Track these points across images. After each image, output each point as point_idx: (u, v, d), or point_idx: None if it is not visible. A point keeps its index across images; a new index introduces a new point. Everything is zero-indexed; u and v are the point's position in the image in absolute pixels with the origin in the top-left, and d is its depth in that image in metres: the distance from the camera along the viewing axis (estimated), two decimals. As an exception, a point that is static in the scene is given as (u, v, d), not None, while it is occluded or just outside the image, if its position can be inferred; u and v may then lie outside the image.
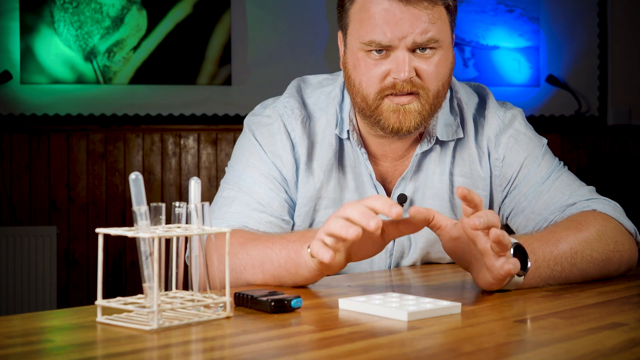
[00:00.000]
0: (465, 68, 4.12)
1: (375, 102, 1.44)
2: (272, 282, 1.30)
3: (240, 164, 1.56)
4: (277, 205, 1.51)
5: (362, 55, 1.44)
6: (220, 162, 3.96)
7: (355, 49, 1.45)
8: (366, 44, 1.42)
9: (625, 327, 1.02)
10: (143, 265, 0.99)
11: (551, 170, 1.57)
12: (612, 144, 4.26)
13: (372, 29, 1.41)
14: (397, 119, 1.44)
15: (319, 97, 1.60)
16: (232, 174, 1.56)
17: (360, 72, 1.45)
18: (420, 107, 1.44)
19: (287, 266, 1.27)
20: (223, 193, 1.54)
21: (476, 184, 1.58)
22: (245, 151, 1.57)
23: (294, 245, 1.27)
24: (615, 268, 1.41)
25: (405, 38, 1.40)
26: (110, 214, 3.91)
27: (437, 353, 0.89)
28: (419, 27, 1.40)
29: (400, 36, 1.40)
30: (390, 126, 1.45)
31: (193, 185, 1.06)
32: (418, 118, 1.44)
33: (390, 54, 1.42)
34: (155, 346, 0.90)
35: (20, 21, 3.83)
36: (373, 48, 1.42)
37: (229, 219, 1.47)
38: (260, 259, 1.31)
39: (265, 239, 1.34)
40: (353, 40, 1.45)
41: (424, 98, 1.44)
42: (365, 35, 1.42)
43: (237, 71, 3.99)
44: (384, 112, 1.44)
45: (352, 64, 1.47)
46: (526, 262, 1.25)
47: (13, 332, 0.96)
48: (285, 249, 1.28)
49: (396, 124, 1.44)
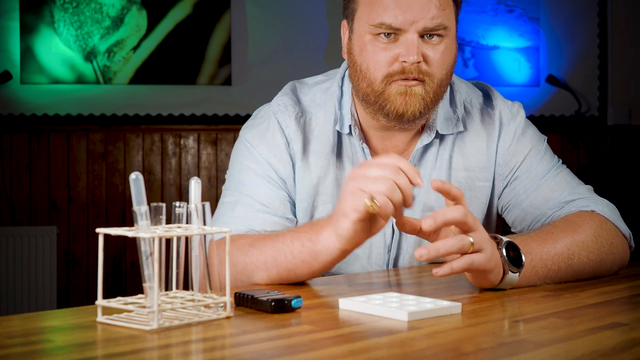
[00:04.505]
0: (465, 68, 4.12)
1: (381, 86, 1.45)
2: (287, 275, 1.30)
3: (236, 169, 1.57)
4: (279, 204, 1.52)
5: (369, 38, 1.44)
6: (220, 162, 3.96)
7: (362, 33, 1.46)
8: (376, 26, 1.42)
9: (625, 327, 1.02)
10: (143, 265, 0.99)
11: (551, 166, 1.59)
12: (612, 143, 4.26)
13: (383, 11, 1.42)
14: (403, 100, 1.44)
15: (316, 94, 1.60)
16: (231, 181, 1.57)
17: (368, 56, 1.45)
18: (424, 93, 1.44)
19: (302, 256, 1.27)
20: (224, 200, 1.55)
21: (477, 176, 1.59)
22: (240, 156, 1.58)
23: (307, 234, 1.28)
24: (608, 269, 1.44)
25: (417, 22, 1.41)
26: (110, 214, 3.91)
27: (437, 353, 0.89)
28: (430, 12, 1.41)
29: (412, 20, 1.41)
30: (395, 109, 1.45)
31: (193, 185, 1.06)
32: (422, 103, 1.45)
33: (399, 37, 1.42)
34: (155, 346, 0.90)
35: (20, 21, 3.83)
36: (383, 31, 1.42)
37: (233, 224, 1.47)
38: (272, 253, 1.31)
39: (274, 236, 1.35)
40: (361, 24, 1.46)
41: (429, 85, 1.44)
42: (376, 17, 1.42)
43: (237, 71, 3.99)
44: (391, 96, 1.45)
45: (358, 48, 1.47)
46: (520, 259, 1.25)
47: (13, 332, 0.96)
48: (297, 240, 1.28)
49: (401, 107, 1.44)
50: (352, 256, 1.56)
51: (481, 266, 1.19)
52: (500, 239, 1.24)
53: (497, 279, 1.24)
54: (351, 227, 1.20)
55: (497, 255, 1.22)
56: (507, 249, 1.24)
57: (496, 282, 1.24)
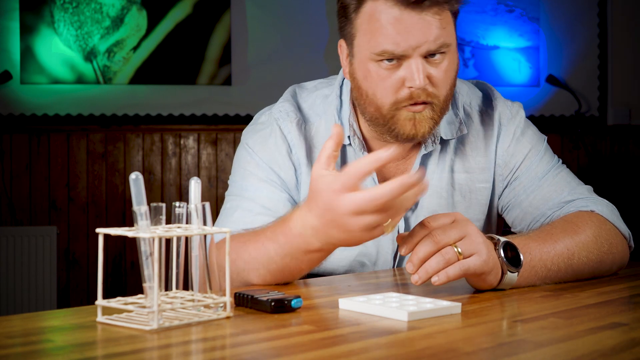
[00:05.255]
0: (465, 68, 4.12)
1: (390, 112, 1.43)
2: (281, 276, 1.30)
3: (238, 174, 1.57)
4: (282, 207, 1.51)
5: (373, 65, 1.41)
6: (220, 162, 3.96)
7: (364, 60, 1.42)
8: (378, 54, 1.39)
9: (625, 327, 1.02)
10: (143, 265, 0.99)
11: (551, 166, 1.59)
12: (612, 144, 4.26)
13: (384, 39, 1.38)
14: (412, 126, 1.43)
15: (315, 101, 1.59)
16: (233, 186, 1.57)
17: (373, 82, 1.42)
18: (432, 114, 1.43)
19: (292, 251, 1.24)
20: (226, 205, 1.55)
21: (477, 178, 1.59)
22: (242, 161, 1.57)
23: (281, 229, 1.24)
24: (607, 269, 1.44)
25: (420, 47, 1.37)
26: (110, 214, 3.91)
27: (437, 353, 0.89)
28: (432, 34, 1.37)
29: (415, 45, 1.37)
30: (406, 134, 1.44)
31: (193, 185, 1.06)
32: (431, 123, 1.44)
33: (403, 62, 1.39)
34: (155, 346, 0.90)
35: (20, 21, 3.83)
36: (385, 57, 1.39)
37: (231, 228, 1.47)
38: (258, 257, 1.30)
39: (254, 239, 1.31)
40: (362, 50, 1.42)
41: (437, 105, 1.43)
42: (377, 45, 1.39)
43: (237, 71, 3.99)
44: (400, 121, 1.43)
45: (362, 74, 1.44)
46: (519, 259, 1.26)
47: (13, 332, 0.96)
48: (274, 241, 1.26)
49: (412, 132, 1.43)
50: (358, 264, 1.57)
51: (478, 269, 1.19)
52: (498, 240, 1.24)
53: (496, 280, 1.24)
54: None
55: (494, 257, 1.22)
56: (505, 249, 1.24)
57: (495, 283, 1.24)
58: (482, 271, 1.20)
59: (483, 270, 1.20)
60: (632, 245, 1.50)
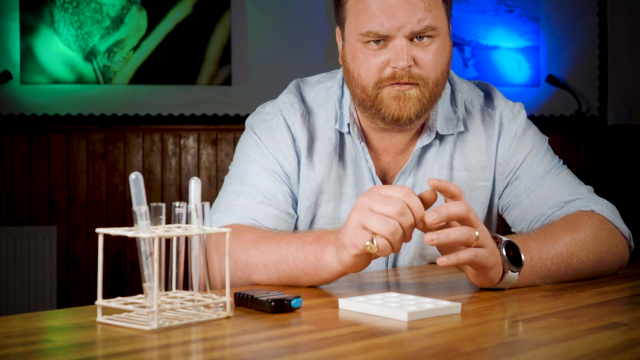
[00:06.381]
0: (465, 68, 4.12)
1: (374, 92, 1.45)
2: (287, 282, 1.30)
3: (242, 159, 1.57)
4: (281, 198, 1.52)
5: (360, 46, 1.45)
6: (220, 162, 3.96)
7: (353, 41, 1.46)
8: (364, 34, 1.43)
9: (625, 327, 1.02)
10: (143, 265, 0.99)
11: (552, 166, 1.59)
12: (612, 143, 4.26)
13: (369, 19, 1.42)
14: (397, 105, 1.44)
15: (318, 93, 1.61)
16: (235, 170, 1.57)
17: (359, 63, 1.46)
18: (419, 94, 1.44)
19: (305, 268, 1.26)
20: (227, 188, 1.55)
21: (477, 176, 1.59)
22: (247, 147, 1.58)
23: (312, 248, 1.26)
24: (607, 268, 1.45)
25: (403, 27, 1.41)
26: (110, 214, 3.91)
27: (437, 353, 0.89)
28: (416, 15, 1.41)
29: (398, 26, 1.41)
30: (391, 114, 1.45)
31: (193, 185, 1.06)
32: (418, 105, 1.45)
33: (388, 43, 1.43)
34: (155, 346, 0.90)
35: (20, 21, 3.83)
36: (371, 39, 1.43)
37: (236, 212, 1.48)
38: (275, 258, 1.30)
39: (279, 238, 1.33)
40: (351, 32, 1.47)
41: (424, 87, 1.44)
42: (363, 26, 1.43)
43: (237, 71, 3.99)
44: (385, 100, 1.45)
45: (350, 56, 1.48)
46: (520, 259, 1.26)
47: (13, 332, 0.96)
48: (302, 251, 1.27)
49: (397, 111, 1.45)
50: None
51: (484, 261, 1.19)
52: (500, 239, 1.25)
53: (497, 277, 1.24)
54: (350, 259, 1.19)
55: (497, 253, 1.22)
56: (507, 248, 1.24)
57: (496, 280, 1.24)
58: (486, 263, 1.20)
59: (487, 262, 1.20)
60: (632, 245, 1.51)
